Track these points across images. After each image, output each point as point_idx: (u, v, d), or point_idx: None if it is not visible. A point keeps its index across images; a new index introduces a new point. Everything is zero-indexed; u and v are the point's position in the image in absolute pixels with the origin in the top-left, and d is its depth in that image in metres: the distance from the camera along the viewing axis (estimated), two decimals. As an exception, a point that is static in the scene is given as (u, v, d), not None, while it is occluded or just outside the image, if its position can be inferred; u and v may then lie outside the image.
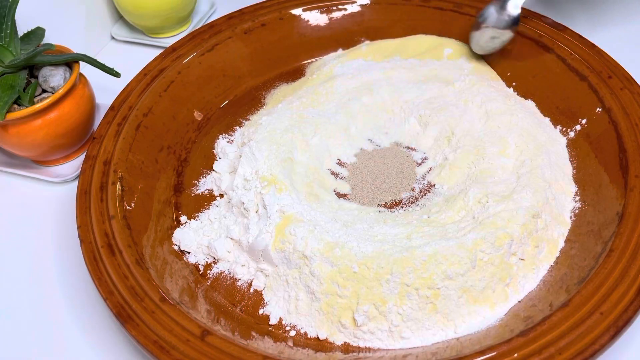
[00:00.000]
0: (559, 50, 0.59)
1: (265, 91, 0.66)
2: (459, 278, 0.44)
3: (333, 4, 0.69)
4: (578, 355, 0.38)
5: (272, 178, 0.51)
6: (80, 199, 0.50)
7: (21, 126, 0.54)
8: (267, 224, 0.48)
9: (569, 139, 0.56)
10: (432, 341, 0.44)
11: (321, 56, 0.69)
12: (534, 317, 0.42)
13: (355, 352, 0.44)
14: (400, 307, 0.43)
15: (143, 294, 0.44)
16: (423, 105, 0.59)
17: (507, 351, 0.39)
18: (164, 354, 0.40)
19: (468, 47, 0.65)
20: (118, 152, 0.54)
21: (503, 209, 0.47)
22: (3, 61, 0.54)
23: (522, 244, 0.46)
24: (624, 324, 0.39)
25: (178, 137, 0.60)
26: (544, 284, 0.46)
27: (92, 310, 0.50)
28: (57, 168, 0.61)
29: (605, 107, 0.54)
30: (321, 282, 0.45)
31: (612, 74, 0.56)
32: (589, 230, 0.48)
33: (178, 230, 0.52)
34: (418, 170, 0.56)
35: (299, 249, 0.46)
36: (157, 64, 0.62)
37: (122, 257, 0.46)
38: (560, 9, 0.74)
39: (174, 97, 0.61)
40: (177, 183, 0.57)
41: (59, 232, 0.56)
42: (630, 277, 0.41)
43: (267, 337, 0.45)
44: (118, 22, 0.80)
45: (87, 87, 0.58)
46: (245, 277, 0.49)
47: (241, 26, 0.67)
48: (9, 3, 0.54)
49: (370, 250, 0.45)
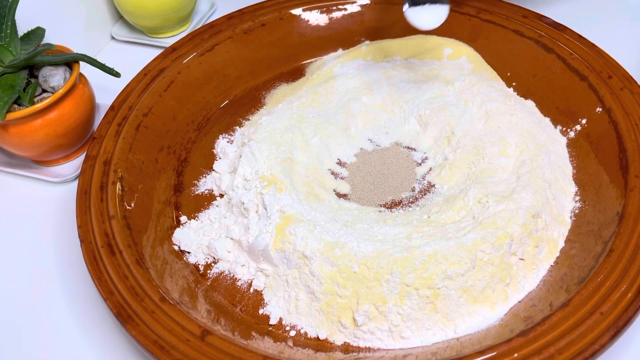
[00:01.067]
0: (559, 50, 0.59)
1: (265, 91, 0.66)
2: (459, 278, 0.44)
3: (333, 4, 0.69)
4: (578, 355, 0.38)
5: (272, 178, 0.51)
6: (80, 199, 0.50)
7: (21, 126, 0.54)
8: (267, 224, 0.48)
9: (569, 139, 0.56)
10: (432, 341, 0.44)
11: (321, 56, 0.69)
12: (534, 317, 0.42)
13: (355, 352, 0.44)
14: (400, 307, 0.43)
15: (143, 294, 0.44)
16: (423, 105, 0.59)
17: (507, 351, 0.39)
18: (164, 354, 0.40)
19: (468, 47, 0.65)
20: (118, 152, 0.54)
21: (503, 209, 0.47)
22: (3, 61, 0.54)
23: (522, 244, 0.46)
24: (624, 324, 0.39)
25: (178, 137, 0.60)
26: (544, 284, 0.46)
27: (92, 310, 0.50)
28: (57, 168, 0.61)
29: (605, 107, 0.54)
30: (321, 282, 0.45)
31: (612, 74, 0.55)
32: (589, 230, 0.48)
33: (178, 230, 0.52)
34: (418, 170, 0.56)
35: (299, 249, 0.46)
36: (157, 64, 0.62)
37: (122, 257, 0.46)
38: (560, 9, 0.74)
39: (174, 97, 0.61)
40: (177, 183, 0.57)
41: (59, 232, 0.56)
42: (630, 277, 0.41)
43: (267, 337, 0.45)
44: (118, 22, 0.80)
45: (87, 87, 0.58)
46: (245, 277, 0.49)
47: (241, 26, 0.67)
48: (9, 3, 0.54)
49: (370, 250, 0.45)
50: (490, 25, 0.64)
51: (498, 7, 0.65)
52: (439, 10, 0.54)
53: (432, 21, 0.54)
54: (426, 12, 0.55)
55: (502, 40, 0.63)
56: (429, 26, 0.54)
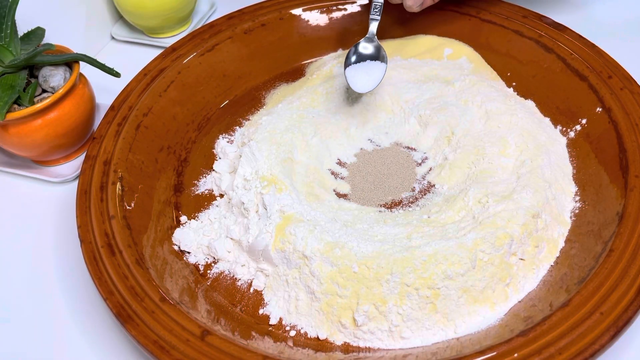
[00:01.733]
0: (559, 50, 0.59)
1: (265, 91, 0.66)
2: (459, 278, 0.44)
3: (333, 4, 0.69)
4: (578, 355, 0.38)
5: (272, 178, 0.51)
6: (80, 199, 0.50)
7: (21, 126, 0.54)
8: (267, 224, 0.48)
9: (569, 139, 0.56)
10: (432, 341, 0.44)
11: (321, 56, 0.69)
12: (534, 317, 0.42)
13: (355, 352, 0.44)
14: (400, 307, 0.43)
15: (143, 294, 0.44)
16: (423, 105, 0.59)
17: (507, 351, 0.39)
18: (164, 354, 0.40)
19: (468, 47, 0.65)
20: (118, 152, 0.54)
21: (503, 209, 0.47)
22: (3, 61, 0.54)
23: (522, 244, 0.46)
24: (624, 324, 0.39)
25: (178, 137, 0.60)
26: (544, 284, 0.46)
27: (92, 310, 0.50)
28: (57, 168, 0.61)
29: (605, 107, 0.54)
30: (321, 282, 0.45)
31: (612, 74, 0.55)
32: (589, 230, 0.48)
33: (178, 230, 0.52)
34: (418, 170, 0.56)
35: (299, 249, 0.46)
36: (157, 64, 0.62)
37: (122, 257, 0.46)
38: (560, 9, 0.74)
39: (174, 97, 0.61)
40: (177, 183, 0.57)
41: (59, 232, 0.56)
42: (630, 277, 0.41)
43: (267, 337, 0.45)
44: (118, 22, 0.80)
45: (87, 87, 0.58)
46: (245, 277, 0.49)
47: (241, 26, 0.67)
48: (9, 3, 0.54)
49: (370, 250, 0.45)
50: (490, 25, 0.64)
51: (498, 7, 0.65)
52: (376, 71, 0.56)
53: (367, 85, 0.56)
54: (363, 73, 0.56)
55: (502, 40, 0.63)
56: (364, 90, 0.56)
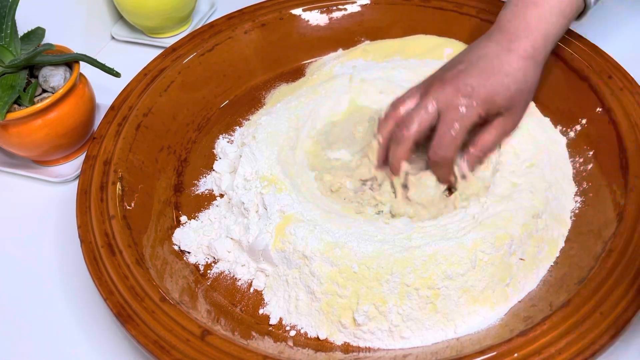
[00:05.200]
0: (559, 50, 0.59)
1: (265, 91, 0.66)
2: (459, 278, 0.44)
3: (333, 4, 0.69)
4: (578, 355, 0.38)
5: (272, 178, 0.51)
6: (80, 199, 0.50)
7: (21, 126, 0.54)
8: (267, 224, 0.48)
9: (569, 139, 0.56)
10: (432, 341, 0.44)
11: (321, 56, 0.69)
12: (534, 317, 0.42)
13: (355, 352, 0.44)
14: (400, 307, 0.43)
15: (143, 294, 0.44)
16: (423, 105, 0.59)
17: (507, 351, 0.39)
18: (164, 354, 0.40)
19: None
20: (118, 152, 0.54)
21: (503, 209, 0.47)
22: (3, 61, 0.54)
23: (522, 244, 0.46)
24: (624, 324, 0.39)
25: (178, 137, 0.60)
26: (544, 284, 0.46)
27: (92, 310, 0.50)
28: (57, 168, 0.61)
29: (606, 107, 0.53)
30: (321, 282, 0.45)
31: (612, 74, 0.55)
32: (589, 230, 0.48)
33: (178, 230, 0.52)
34: (418, 170, 0.56)
35: (299, 249, 0.46)
36: (157, 64, 0.62)
37: (122, 257, 0.46)
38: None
39: (174, 97, 0.61)
40: (177, 183, 0.57)
41: (59, 232, 0.56)
42: (630, 277, 0.41)
43: (267, 337, 0.45)
44: (118, 22, 0.80)
45: (87, 87, 0.58)
46: (245, 277, 0.49)
47: (241, 26, 0.66)
48: (9, 3, 0.54)
49: (370, 250, 0.45)
50: (490, 25, 0.64)
51: (498, 7, 0.65)
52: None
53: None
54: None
55: (502, 40, 0.63)
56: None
